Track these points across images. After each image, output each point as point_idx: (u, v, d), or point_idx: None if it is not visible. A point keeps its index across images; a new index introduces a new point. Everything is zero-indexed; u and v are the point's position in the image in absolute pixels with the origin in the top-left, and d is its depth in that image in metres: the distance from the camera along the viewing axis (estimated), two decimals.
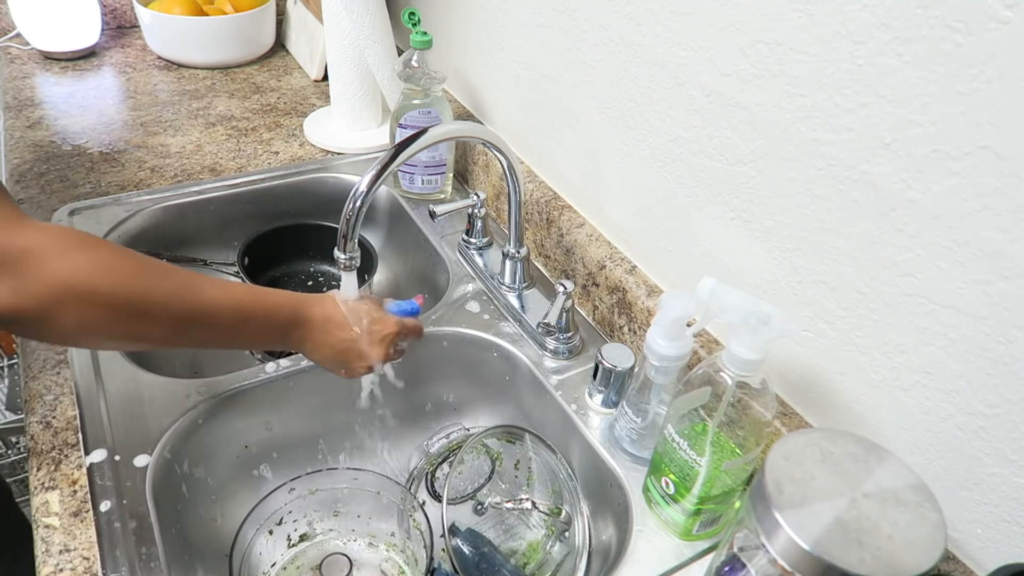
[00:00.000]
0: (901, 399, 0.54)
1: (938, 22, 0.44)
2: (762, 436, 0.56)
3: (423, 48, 0.92)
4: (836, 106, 0.52)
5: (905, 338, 0.53)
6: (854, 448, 0.45)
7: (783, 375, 0.64)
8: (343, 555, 0.71)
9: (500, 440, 0.76)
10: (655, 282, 0.77)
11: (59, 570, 0.56)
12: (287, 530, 0.70)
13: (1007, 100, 0.42)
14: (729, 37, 0.59)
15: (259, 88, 1.28)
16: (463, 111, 1.09)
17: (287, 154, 1.09)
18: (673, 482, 0.60)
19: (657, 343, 0.61)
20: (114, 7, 1.40)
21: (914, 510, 0.42)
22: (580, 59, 0.78)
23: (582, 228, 0.84)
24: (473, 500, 0.78)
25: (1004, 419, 0.48)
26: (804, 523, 0.41)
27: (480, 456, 0.78)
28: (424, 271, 0.99)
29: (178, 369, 0.91)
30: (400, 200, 1.04)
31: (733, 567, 0.48)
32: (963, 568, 0.53)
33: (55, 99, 1.17)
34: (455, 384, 0.86)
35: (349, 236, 0.65)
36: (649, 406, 0.66)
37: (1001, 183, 0.44)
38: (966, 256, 0.47)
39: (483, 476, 0.78)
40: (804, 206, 0.57)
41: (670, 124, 0.69)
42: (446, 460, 0.76)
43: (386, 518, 0.72)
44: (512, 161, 0.75)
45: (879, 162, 0.51)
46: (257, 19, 1.33)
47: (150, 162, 1.04)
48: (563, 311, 0.76)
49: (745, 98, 0.60)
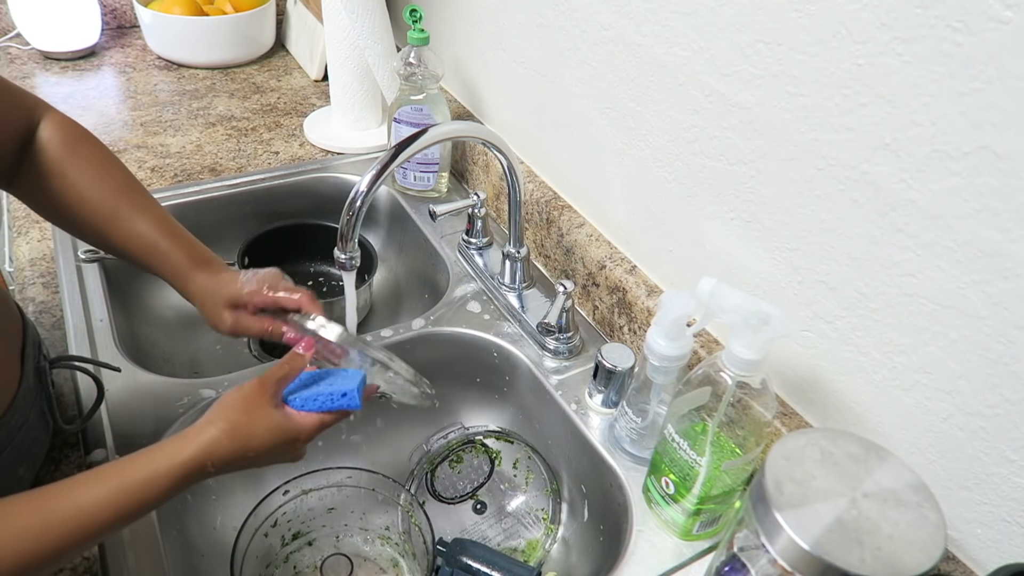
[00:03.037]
0: (901, 399, 0.54)
1: (938, 22, 0.44)
2: (762, 436, 0.56)
3: (420, 45, 0.93)
4: (836, 106, 0.52)
5: (905, 338, 0.53)
6: (854, 448, 0.45)
7: (783, 375, 0.64)
8: (343, 555, 0.71)
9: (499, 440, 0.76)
10: (655, 282, 0.77)
11: (59, 570, 0.56)
12: (286, 531, 0.70)
13: (1007, 100, 0.42)
14: (729, 37, 0.59)
15: (259, 88, 1.28)
16: (463, 110, 1.09)
17: (287, 154, 1.09)
18: (673, 482, 0.60)
19: (657, 343, 0.61)
20: (114, 7, 1.40)
21: (914, 510, 0.42)
22: (580, 59, 0.78)
23: (582, 228, 0.84)
24: (473, 499, 0.78)
25: (1004, 419, 0.48)
26: (804, 523, 0.41)
27: (479, 455, 0.78)
28: (424, 271, 0.99)
29: (178, 369, 0.91)
30: (400, 200, 1.04)
31: (733, 567, 0.48)
32: (963, 568, 0.53)
33: (55, 99, 1.17)
34: (455, 384, 0.86)
35: (349, 236, 0.65)
36: (649, 406, 0.66)
37: (1001, 183, 0.44)
38: (966, 256, 0.47)
39: (482, 475, 0.78)
40: (804, 206, 0.57)
41: (670, 124, 0.69)
42: (446, 460, 0.76)
43: (384, 516, 0.72)
44: (512, 161, 0.75)
45: (879, 162, 0.51)
46: (257, 19, 1.33)
47: (150, 162, 1.04)
48: (563, 311, 0.76)
49: (745, 98, 0.60)
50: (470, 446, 0.77)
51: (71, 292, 0.81)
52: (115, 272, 0.88)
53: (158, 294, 0.96)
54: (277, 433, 0.53)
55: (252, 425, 0.52)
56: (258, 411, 0.53)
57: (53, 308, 0.79)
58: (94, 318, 0.78)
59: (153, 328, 0.94)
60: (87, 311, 0.79)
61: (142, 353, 0.85)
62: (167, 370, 0.75)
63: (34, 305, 0.79)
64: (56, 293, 0.81)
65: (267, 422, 0.53)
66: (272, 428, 0.53)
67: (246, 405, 0.52)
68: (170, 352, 0.92)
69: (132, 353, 0.77)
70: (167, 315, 0.97)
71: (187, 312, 0.98)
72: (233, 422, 0.51)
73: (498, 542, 0.76)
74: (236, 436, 0.51)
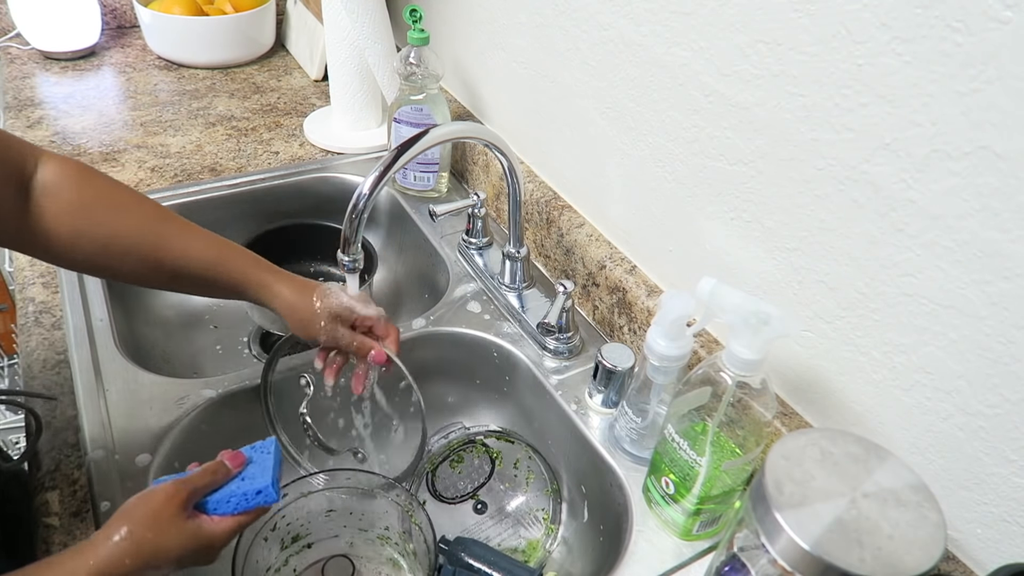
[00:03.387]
0: (901, 399, 0.54)
1: (938, 22, 0.44)
2: (762, 436, 0.56)
3: (420, 45, 0.93)
4: (836, 106, 0.52)
5: (905, 338, 0.53)
6: (854, 448, 0.45)
7: (783, 375, 0.64)
8: (344, 557, 0.71)
9: (499, 440, 0.76)
10: (655, 282, 0.77)
11: None
12: (285, 535, 0.70)
13: (1007, 100, 0.42)
14: (729, 37, 0.59)
15: (259, 88, 1.28)
16: (463, 110, 1.09)
17: (287, 154, 1.09)
18: (673, 482, 0.60)
19: (657, 343, 0.61)
20: (114, 7, 1.40)
21: (914, 510, 0.42)
22: (580, 59, 0.78)
23: (582, 228, 0.84)
24: (473, 499, 0.78)
25: (1004, 419, 0.48)
26: (804, 523, 0.41)
27: (480, 455, 0.78)
28: (424, 271, 0.99)
29: (178, 369, 0.91)
30: (400, 200, 1.04)
31: (733, 567, 0.48)
32: (963, 568, 0.53)
33: (55, 99, 1.17)
34: (455, 384, 0.86)
35: (352, 238, 0.65)
36: (649, 406, 0.66)
37: (1001, 183, 0.44)
38: (966, 256, 0.47)
39: (483, 475, 0.78)
40: (804, 206, 0.57)
41: (670, 124, 0.69)
42: (447, 459, 0.76)
43: (384, 517, 0.72)
44: (512, 161, 0.75)
45: (879, 162, 0.51)
46: (257, 19, 1.33)
47: (150, 162, 1.04)
48: (563, 311, 0.76)
49: (745, 98, 0.60)
50: (471, 446, 0.77)
51: (71, 292, 0.81)
52: None
53: (158, 294, 0.96)
54: (189, 545, 0.49)
55: (159, 540, 0.47)
56: (168, 525, 0.48)
57: (53, 308, 0.79)
58: (94, 318, 0.78)
59: (153, 328, 0.94)
60: (87, 311, 0.79)
61: (142, 353, 0.85)
62: (167, 370, 0.75)
63: (34, 305, 0.80)
64: (56, 293, 0.81)
65: (178, 536, 0.48)
66: (184, 541, 0.49)
67: (155, 519, 0.48)
68: (170, 352, 0.92)
69: (132, 353, 0.77)
70: (167, 315, 0.97)
71: (187, 312, 0.99)
72: (138, 539, 0.47)
73: (498, 542, 0.76)
74: (140, 554, 0.46)
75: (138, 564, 0.46)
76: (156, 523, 0.48)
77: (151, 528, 0.47)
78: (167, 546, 0.48)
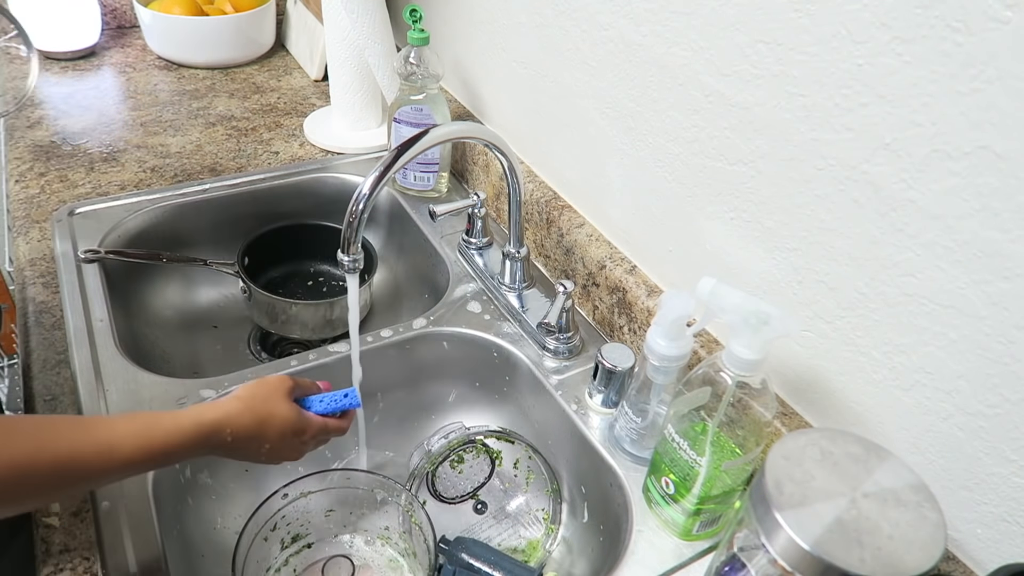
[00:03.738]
0: (901, 399, 0.54)
1: (938, 22, 0.44)
2: (762, 436, 0.56)
3: (420, 45, 0.93)
4: (836, 106, 0.52)
5: (905, 338, 0.53)
6: (854, 448, 0.45)
7: (783, 375, 0.64)
8: (344, 557, 0.71)
9: (499, 440, 0.76)
10: (655, 282, 0.77)
11: (59, 570, 0.56)
12: (285, 534, 0.70)
13: (1007, 100, 0.42)
14: (729, 37, 0.59)
15: (259, 88, 1.28)
16: (463, 110, 1.09)
17: (287, 154, 1.09)
18: (673, 482, 0.60)
19: (657, 343, 0.61)
20: (114, 7, 1.40)
21: (914, 510, 0.42)
22: (580, 59, 0.78)
23: (582, 228, 0.84)
24: (473, 499, 0.78)
25: (1004, 419, 0.48)
26: (804, 523, 0.41)
27: (480, 455, 0.78)
28: (424, 271, 0.99)
29: (178, 369, 0.91)
30: (400, 200, 1.04)
31: (733, 567, 0.48)
32: (963, 568, 0.53)
33: (55, 99, 1.17)
34: (455, 384, 0.86)
35: (352, 239, 0.65)
36: (649, 406, 0.66)
37: (1001, 183, 0.44)
38: (966, 256, 0.47)
39: (483, 475, 0.78)
40: (804, 206, 0.57)
41: (670, 124, 0.69)
42: (447, 459, 0.76)
43: (384, 517, 0.72)
44: (512, 161, 0.75)
45: (879, 162, 0.51)
46: (257, 19, 1.33)
47: (150, 162, 1.04)
48: (563, 311, 0.76)
49: (745, 98, 0.60)
50: (471, 446, 0.77)
51: (71, 292, 0.81)
52: (115, 272, 0.88)
53: (158, 294, 0.96)
54: (288, 423, 0.59)
55: (270, 409, 0.58)
56: (279, 399, 0.59)
57: (53, 308, 0.79)
58: (94, 318, 0.78)
59: (153, 328, 0.94)
60: (87, 311, 0.79)
61: (142, 353, 0.85)
62: (167, 370, 0.75)
63: (34, 305, 0.80)
64: (56, 293, 0.81)
65: (285, 411, 0.59)
66: (286, 417, 0.59)
67: (268, 393, 0.59)
68: (170, 352, 0.92)
69: (132, 353, 0.77)
70: (167, 315, 0.97)
71: (187, 312, 0.99)
72: (255, 401, 0.58)
73: (498, 542, 0.76)
74: (256, 414, 0.57)
75: (253, 422, 0.57)
76: (268, 396, 0.59)
77: (267, 400, 0.58)
78: (276, 415, 0.58)
